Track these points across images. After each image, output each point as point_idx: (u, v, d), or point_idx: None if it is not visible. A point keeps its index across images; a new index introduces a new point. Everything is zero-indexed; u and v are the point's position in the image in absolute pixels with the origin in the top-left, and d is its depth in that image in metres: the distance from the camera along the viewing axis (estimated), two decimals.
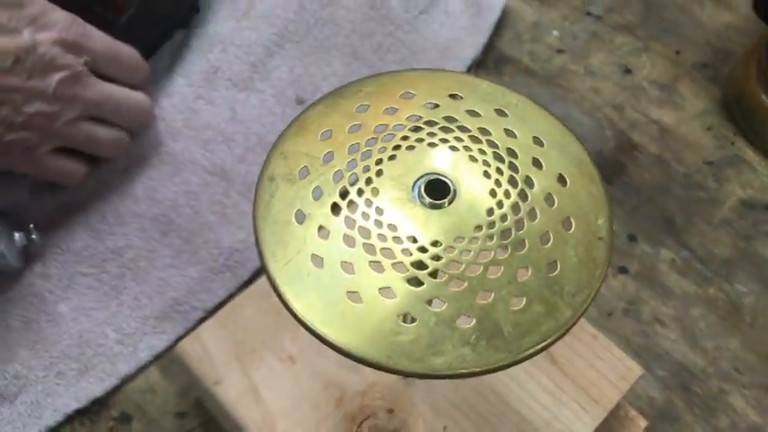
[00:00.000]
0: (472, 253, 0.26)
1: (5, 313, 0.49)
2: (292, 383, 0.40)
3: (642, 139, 0.59)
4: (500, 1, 0.64)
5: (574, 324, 0.25)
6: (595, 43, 0.64)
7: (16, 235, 0.50)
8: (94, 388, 0.48)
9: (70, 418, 0.47)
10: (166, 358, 0.49)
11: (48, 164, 0.50)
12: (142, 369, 0.49)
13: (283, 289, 0.26)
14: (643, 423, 0.44)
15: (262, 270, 0.27)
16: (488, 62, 0.63)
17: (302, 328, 0.41)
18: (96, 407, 0.47)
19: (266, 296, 0.42)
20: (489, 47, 0.63)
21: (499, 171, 0.28)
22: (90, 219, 0.53)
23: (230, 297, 0.50)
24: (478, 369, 0.24)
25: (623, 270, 0.53)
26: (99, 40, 0.50)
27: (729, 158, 0.58)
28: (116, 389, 0.48)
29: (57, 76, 0.47)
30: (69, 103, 0.48)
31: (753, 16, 0.65)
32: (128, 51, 0.52)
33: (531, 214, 0.27)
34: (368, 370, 0.40)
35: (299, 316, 0.25)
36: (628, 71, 0.63)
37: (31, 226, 0.51)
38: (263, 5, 0.62)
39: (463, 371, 0.24)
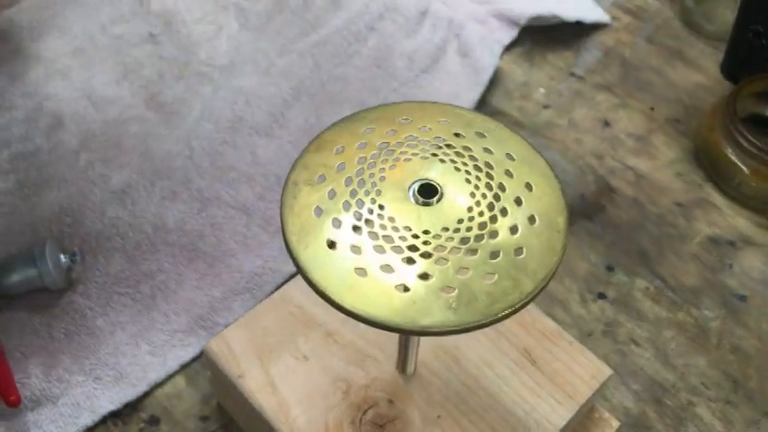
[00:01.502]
0: (455, 239, 0.32)
1: (50, 327, 0.56)
2: (305, 378, 0.45)
3: (620, 183, 0.66)
4: (493, 62, 0.72)
5: (536, 296, 0.32)
6: (578, 100, 0.72)
7: (62, 257, 0.56)
8: (127, 393, 0.53)
9: (105, 420, 0.52)
10: (192, 368, 0.55)
11: None
12: (170, 377, 0.55)
13: (304, 266, 0.32)
14: (615, 424, 0.49)
15: (289, 255, 0.33)
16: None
17: (315, 331, 0.47)
18: (128, 410, 0.53)
19: (283, 305, 0.49)
20: (483, 102, 0.71)
21: (478, 178, 0.34)
22: (126, 246, 0.60)
23: None
24: (459, 328, 0.31)
25: (602, 296, 0.59)
26: None
27: (698, 201, 0.65)
28: (146, 394, 0.54)
29: None
30: None
31: (719, 77, 0.73)
32: None
33: (503, 211, 0.34)
34: (371, 367, 0.46)
35: (317, 286, 0.32)
36: (607, 124, 0.70)
37: (76, 250, 0.57)
38: (283, 63, 0.71)
39: (447, 329, 0.31)
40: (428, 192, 0.34)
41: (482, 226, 0.33)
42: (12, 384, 0.50)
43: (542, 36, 0.77)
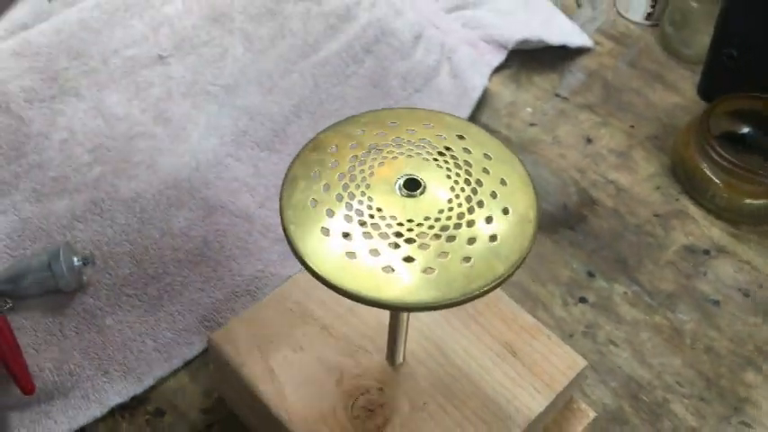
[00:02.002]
0: (436, 227, 0.36)
1: (62, 325, 0.59)
2: (301, 367, 0.49)
3: (601, 195, 0.70)
4: (482, 83, 0.76)
5: (508, 278, 0.35)
6: (562, 119, 0.76)
7: (75, 261, 0.60)
8: (134, 387, 0.57)
9: (113, 411, 0.56)
10: (194, 365, 0.58)
11: None
12: (174, 372, 0.58)
13: (301, 250, 0.36)
14: (592, 414, 0.52)
15: (287, 241, 0.37)
16: None
17: (311, 326, 0.50)
18: (135, 402, 0.56)
19: (282, 301, 0.52)
20: (473, 120, 0.75)
21: (458, 174, 0.38)
22: (135, 251, 0.63)
23: None
24: (439, 304, 0.34)
25: (583, 300, 0.63)
26: None
27: (675, 212, 0.69)
28: (152, 388, 0.57)
29: None
30: None
31: (696, 98, 0.78)
32: None
33: (480, 203, 0.37)
34: (363, 358, 0.49)
35: (312, 267, 0.35)
36: (589, 141, 0.74)
37: (88, 253, 0.61)
38: (285, 84, 0.75)
39: (428, 305, 0.34)
40: (412, 185, 0.38)
41: (460, 216, 0.37)
42: (27, 374, 0.53)
43: (529, 59, 0.81)
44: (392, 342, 0.47)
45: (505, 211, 0.37)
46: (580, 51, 0.82)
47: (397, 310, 0.39)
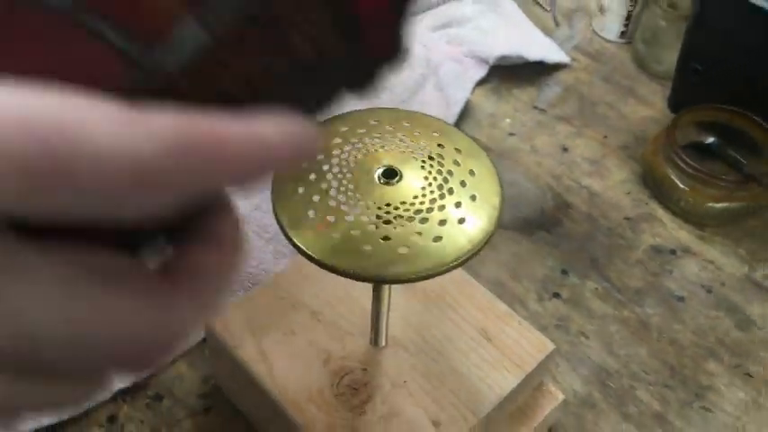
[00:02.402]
0: (411, 211, 0.41)
1: None
2: (292, 350, 0.53)
3: (575, 200, 0.75)
4: (464, 96, 0.81)
5: (474, 255, 0.40)
6: (540, 129, 0.81)
7: None
8: None
9: (115, 396, 0.60)
10: (193, 354, 0.62)
11: None
12: (173, 361, 0.62)
13: (289, 231, 0.40)
14: (561, 396, 0.57)
15: (278, 226, 0.41)
16: None
17: (301, 312, 0.54)
18: (136, 388, 0.60)
19: (274, 290, 0.56)
20: None
21: (431, 165, 0.43)
22: None
23: None
24: (414, 277, 0.39)
25: (557, 296, 0.67)
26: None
27: (644, 216, 0.73)
28: (152, 375, 0.61)
29: None
30: None
31: (666, 111, 0.83)
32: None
33: (450, 191, 0.42)
34: (349, 342, 0.53)
35: (298, 245, 0.40)
36: (565, 150, 0.79)
37: None
38: None
39: (403, 277, 0.38)
40: (390, 174, 0.42)
41: (433, 201, 0.41)
42: None
43: (509, 74, 0.86)
44: (375, 323, 0.51)
45: (473, 198, 0.42)
46: (557, 67, 0.87)
47: (376, 283, 0.44)
